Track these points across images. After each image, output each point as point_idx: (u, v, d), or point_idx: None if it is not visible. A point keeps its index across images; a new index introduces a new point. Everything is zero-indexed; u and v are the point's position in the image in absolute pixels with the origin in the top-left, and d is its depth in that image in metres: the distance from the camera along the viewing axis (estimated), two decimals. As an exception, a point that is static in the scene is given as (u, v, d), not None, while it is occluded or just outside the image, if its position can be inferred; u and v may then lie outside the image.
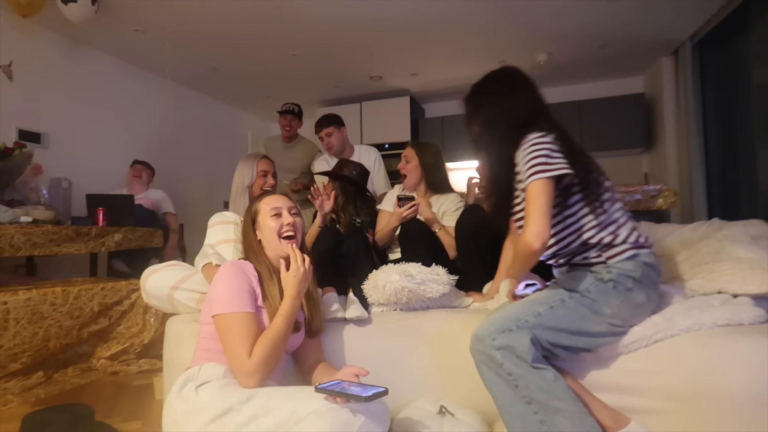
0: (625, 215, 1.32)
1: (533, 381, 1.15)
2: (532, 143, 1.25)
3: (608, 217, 1.29)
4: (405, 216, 1.99)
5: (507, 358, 1.17)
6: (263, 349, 1.19)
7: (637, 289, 1.24)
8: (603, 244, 1.27)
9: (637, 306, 1.26)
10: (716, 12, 3.55)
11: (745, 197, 3.49)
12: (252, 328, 1.22)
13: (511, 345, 1.17)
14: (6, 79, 3.26)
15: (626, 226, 1.29)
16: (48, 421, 1.63)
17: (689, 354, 1.24)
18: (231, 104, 5.62)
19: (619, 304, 1.23)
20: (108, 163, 3.92)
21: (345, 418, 1.01)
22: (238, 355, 1.18)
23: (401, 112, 5.27)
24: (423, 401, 1.45)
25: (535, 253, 1.21)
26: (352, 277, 1.75)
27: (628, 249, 1.26)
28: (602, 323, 1.24)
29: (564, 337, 1.22)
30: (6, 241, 2.33)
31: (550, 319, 1.22)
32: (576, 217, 1.30)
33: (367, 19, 3.57)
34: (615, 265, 1.25)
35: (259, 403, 1.09)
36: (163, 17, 3.43)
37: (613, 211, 1.30)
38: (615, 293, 1.23)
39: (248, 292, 1.28)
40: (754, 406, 1.15)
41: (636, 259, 1.25)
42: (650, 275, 1.27)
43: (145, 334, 2.57)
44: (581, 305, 1.23)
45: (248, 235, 1.44)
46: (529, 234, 1.20)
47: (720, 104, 3.85)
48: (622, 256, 1.26)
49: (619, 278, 1.24)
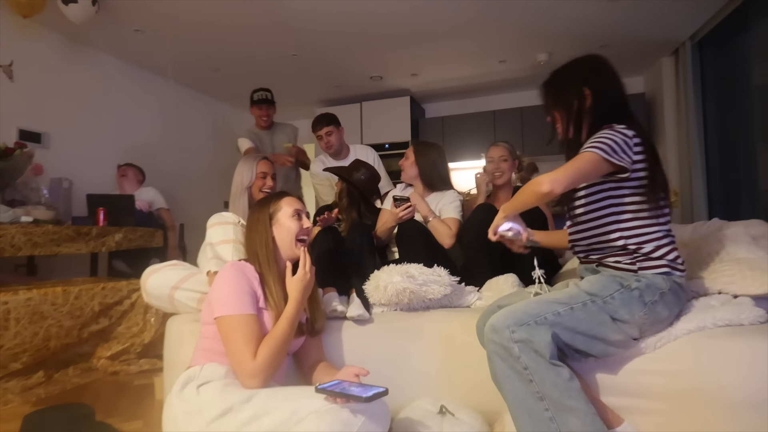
0: (671, 235, 1.29)
1: (549, 377, 1.13)
2: (614, 129, 1.24)
3: (657, 229, 1.27)
4: (401, 217, 2.00)
5: (525, 352, 1.14)
6: (268, 351, 1.19)
7: (662, 304, 1.23)
8: (641, 253, 1.25)
9: (658, 321, 1.25)
10: (716, 12, 3.55)
11: (745, 197, 3.49)
12: (255, 330, 1.22)
13: (530, 339, 1.15)
14: (6, 79, 3.26)
15: (669, 245, 1.27)
16: (48, 420, 1.63)
17: (689, 354, 1.24)
18: (231, 104, 5.62)
19: (641, 315, 1.21)
20: (108, 163, 3.91)
21: (345, 419, 1.01)
22: (241, 356, 1.18)
23: (401, 112, 5.27)
24: (423, 401, 1.45)
25: (540, 195, 1.18)
26: (355, 276, 1.75)
27: (664, 266, 1.24)
28: (620, 332, 1.22)
29: (580, 340, 1.21)
30: (7, 241, 2.33)
31: (569, 320, 1.20)
32: (628, 216, 1.27)
33: (367, 20, 3.57)
34: (645, 275, 1.23)
35: (260, 403, 1.10)
36: (163, 17, 3.43)
37: (662, 225, 1.28)
38: (639, 303, 1.21)
39: (249, 294, 1.27)
40: (754, 407, 1.15)
41: (668, 276, 1.24)
42: (678, 294, 1.26)
43: (145, 334, 2.57)
44: (602, 311, 1.21)
45: (262, 233, 1.39)
46: (547, 176, 1.17)
47: (720, 104, 3.85)
48: (656, 271, 1.24)
49: (646, 289, 1.22)
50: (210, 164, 5.21)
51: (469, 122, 5.22)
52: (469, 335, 1.51)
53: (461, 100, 5.57)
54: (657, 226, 1.27)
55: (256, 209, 1.45)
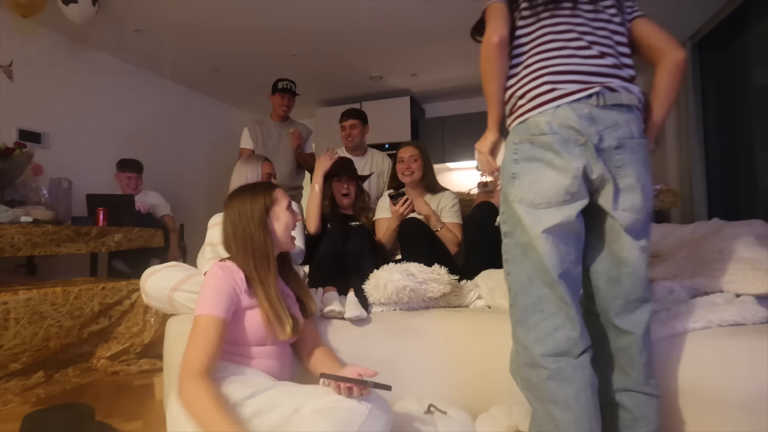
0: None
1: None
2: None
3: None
4: (402, 213, 1.99)
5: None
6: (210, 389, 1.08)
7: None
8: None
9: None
10: (716, 12, 3.54)
11: (745, 197, 3.49)
12: (212, 335, 1.15)
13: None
14: (6, 79, 3.25)
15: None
16: (48, 421, 1.63)
17: (690, 354, 1.24)
18: (231, 104, 5.61)
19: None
20: (108, 163, 3.91)
21: (346, 418, 1.01)
22: (192, 356, 1.12)
23: (401, 112, 5.27)
24: (407, 401, 1.43)
25: (493, 45, 1.11)
26: (354, 276, 1.75)
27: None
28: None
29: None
30: (6, 241, 2.33)
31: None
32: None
33: (367, 19, 3.57)
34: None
35: (263, 400, 1.09)
36: (163, 17, 3.43)
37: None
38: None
39: (227, 296, 1.23)
40: (756, 407, 1.15)
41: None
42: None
43: (145, 334, 2.57)
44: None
45: (259, 226, 1.32)
46: (486, 35, 1.11)
47: (720, 104, 3.85)
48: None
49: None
50: (210, 164, 5.21)
51: (469, 122, 5.21)
52: (469, 334, 1.51)
53: (461, 100, 5.57)
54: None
55: (246, 201, 1.35)
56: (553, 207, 1.03)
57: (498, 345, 1.49)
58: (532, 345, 1.05)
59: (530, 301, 1.07)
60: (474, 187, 5.01)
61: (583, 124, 1.03)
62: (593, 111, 1.04)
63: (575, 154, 1.02)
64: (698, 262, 1.53)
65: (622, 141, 1.05)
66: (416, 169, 2.21)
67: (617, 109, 1.05)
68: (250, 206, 1.34)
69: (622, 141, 1.05)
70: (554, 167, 1.03)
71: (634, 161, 1.06)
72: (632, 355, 1.10)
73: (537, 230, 1.03)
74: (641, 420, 1.10)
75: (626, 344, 1.11)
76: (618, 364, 1.13)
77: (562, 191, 1.03)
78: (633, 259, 1.08)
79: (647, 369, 1.11)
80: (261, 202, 1.35)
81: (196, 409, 1.04)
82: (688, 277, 1.49)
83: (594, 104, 1.04)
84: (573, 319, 1.04)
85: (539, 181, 1.04)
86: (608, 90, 1.05)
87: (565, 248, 1.05)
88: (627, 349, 1.11)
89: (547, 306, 1.05)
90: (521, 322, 1.09)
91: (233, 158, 2.80)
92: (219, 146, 5.35)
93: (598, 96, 1.05)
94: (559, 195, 1.03)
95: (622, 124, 1.05)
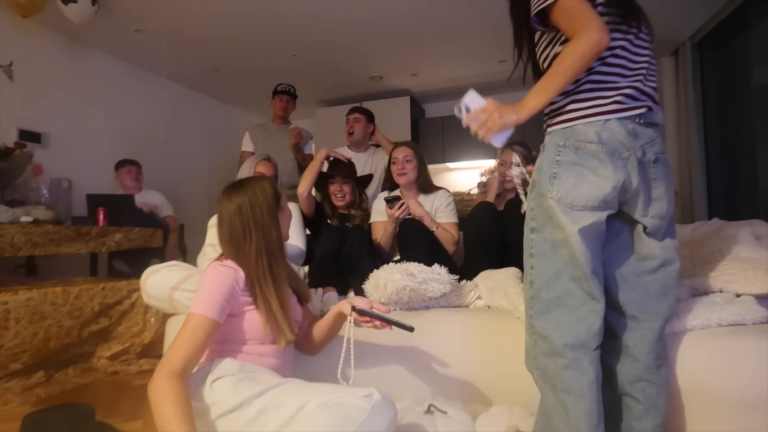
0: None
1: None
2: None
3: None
4: (398, 216, 1.99)
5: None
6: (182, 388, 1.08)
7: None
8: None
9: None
10: (716, 12, 3.54)
11: (745, 197, 3.49)
12: (198, 336, 1.14)
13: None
14: (6, 79, 3.25)
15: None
16: (48, 420, 1.62)
17: (690, 353, 1.24)
18: (231, 104, 5.62)
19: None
20: (108, 163, 3.91)
21: (348, 414, 1.01)
22: (175, 353, 1.12)
23: (401, 112, 5.27)
24: (408, 401, 1.43)
25: (595, 47, 1.04)
26: (353, 277, 1.75)
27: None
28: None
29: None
30: (6, 241, 2.33)
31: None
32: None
33: (367, 19, 3.57)
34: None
35: (269, 398, 1.10)
36: (163, 17, 3.43)
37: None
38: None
39: (224, 297, 1.21)
40: (755, 406, 1.15)
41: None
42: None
43: (145, 334, 2.57)
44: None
45: (273, 217, 1.28)
46: (591, 29, 1.04)
47: (720, 104, 3.85)
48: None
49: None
50: (210, 164, 5.21)
51: (469, 122, 5.20)
52: (469, 334, 1.51)
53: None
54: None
55: (258, 194, 1.27)
56: (587, 210, 1.09)
57: (498, 345, 1.49)
58: (553, 334, 1.10)
59: (555, 295, 1.11)
60: (474, 187, 5.02)
61: (630, 139, 1.10)
62: (636, 127, 1.11)
63: (619, 166, 1.09)
64: (698, 262, 1.53)
65: (658, 155, 1.14)
66: (410, 170, 2.21)
67: (653, 127, 1.14)
68: (264, 194, 1.28)
69: (658, 155, 1.14)
70: (597, 175, 1.08)
71: (665, 174, 1.16)
72: (650, 343, 1.16)
73: (574, 229, 1.08)
74: (651, 411, 1.15)
75: (645, 333, 1.16)
76: (630, 355, 1.17)
77: (600, 198, 1.08)
78: (655, 254, 1.16)
79: (661, 357, 1.17)
80: (273, 195, 1.30)
81: (158, 409, 1.05)
82: (688, 277, 1.49)
83: (637, 121, 1.12)
84: (596, 314, 1.09)
85: (580, 185, 1.09)
86: (649, 109, 1.13)
87: (594, 247, 1.11)
88: (645, 339, 1.16)
89: (571, 300, 1.10)
90: (543, 313, 1.13)
91: (233, 158, 2.81)
92: (219, 146, 5.35)
93: (643, 114, 1.12)
94: (596, 201, 1.08)
95: (657, 141, 1.15)
